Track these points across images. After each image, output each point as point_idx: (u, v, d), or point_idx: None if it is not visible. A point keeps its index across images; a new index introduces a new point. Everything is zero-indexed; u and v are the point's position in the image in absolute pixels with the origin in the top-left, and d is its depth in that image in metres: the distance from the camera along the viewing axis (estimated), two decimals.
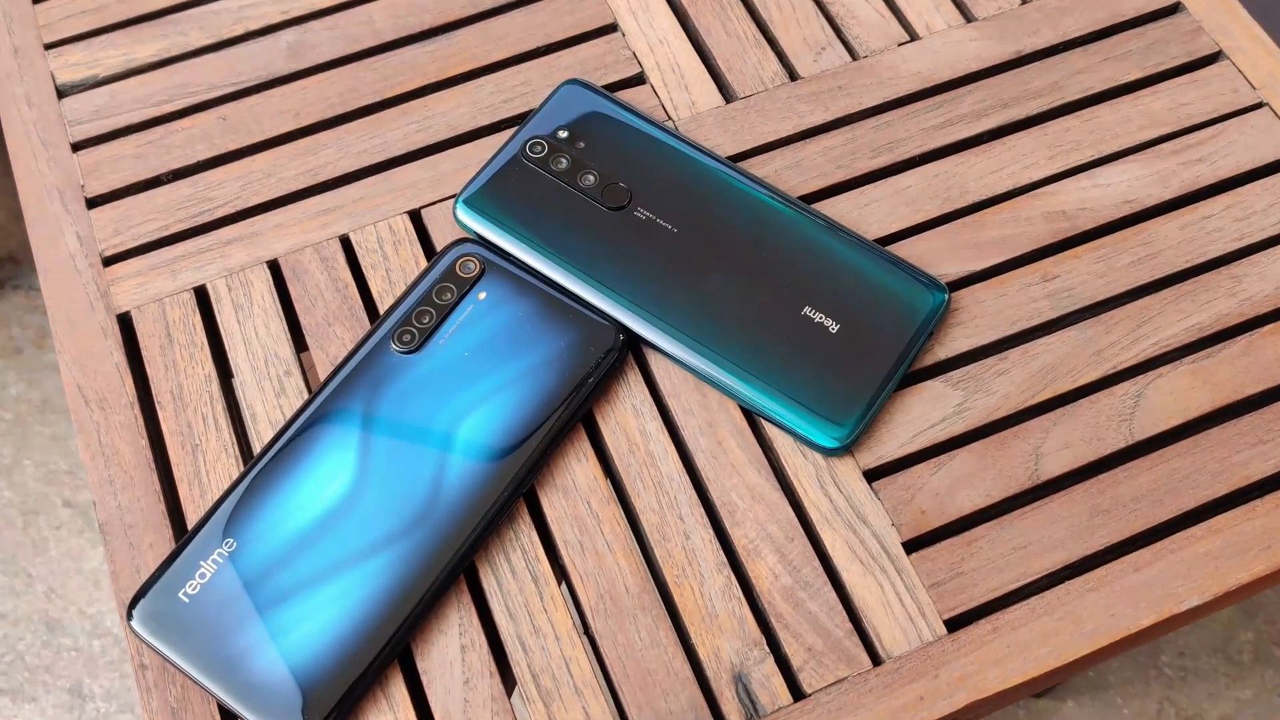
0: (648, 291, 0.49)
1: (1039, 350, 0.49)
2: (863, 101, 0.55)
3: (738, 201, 0.51)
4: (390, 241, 0.52)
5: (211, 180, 0.53)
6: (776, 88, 0.55)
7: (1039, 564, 0.45)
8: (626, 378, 0.48)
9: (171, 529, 0.46)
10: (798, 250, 0.50)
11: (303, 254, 0.51)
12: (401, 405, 0.47)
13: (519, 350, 0.48)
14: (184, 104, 0.55)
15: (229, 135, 0.54)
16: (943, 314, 0.49)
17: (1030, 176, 0.53)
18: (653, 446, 0.47)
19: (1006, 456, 0.47)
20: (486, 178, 0.52)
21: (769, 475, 0.46)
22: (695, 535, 0.45)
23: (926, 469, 0.47)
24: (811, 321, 0.48)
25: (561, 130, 0.53)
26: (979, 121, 0.54)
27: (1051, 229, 0.52)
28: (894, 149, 0.54)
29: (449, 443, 0.46)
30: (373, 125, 0.55)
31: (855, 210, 0.52)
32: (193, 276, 0.51)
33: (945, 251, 0.51)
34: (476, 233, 0.51)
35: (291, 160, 0.54)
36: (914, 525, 0.45)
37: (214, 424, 0.48)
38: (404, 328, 0.48)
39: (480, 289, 0.49)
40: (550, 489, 0.46)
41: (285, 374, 0.49)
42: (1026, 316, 0.50)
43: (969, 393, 0.48)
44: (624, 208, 0.51)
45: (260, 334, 0.49)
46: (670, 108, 0.55)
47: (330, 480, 0.45)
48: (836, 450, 0.46)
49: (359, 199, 0.53)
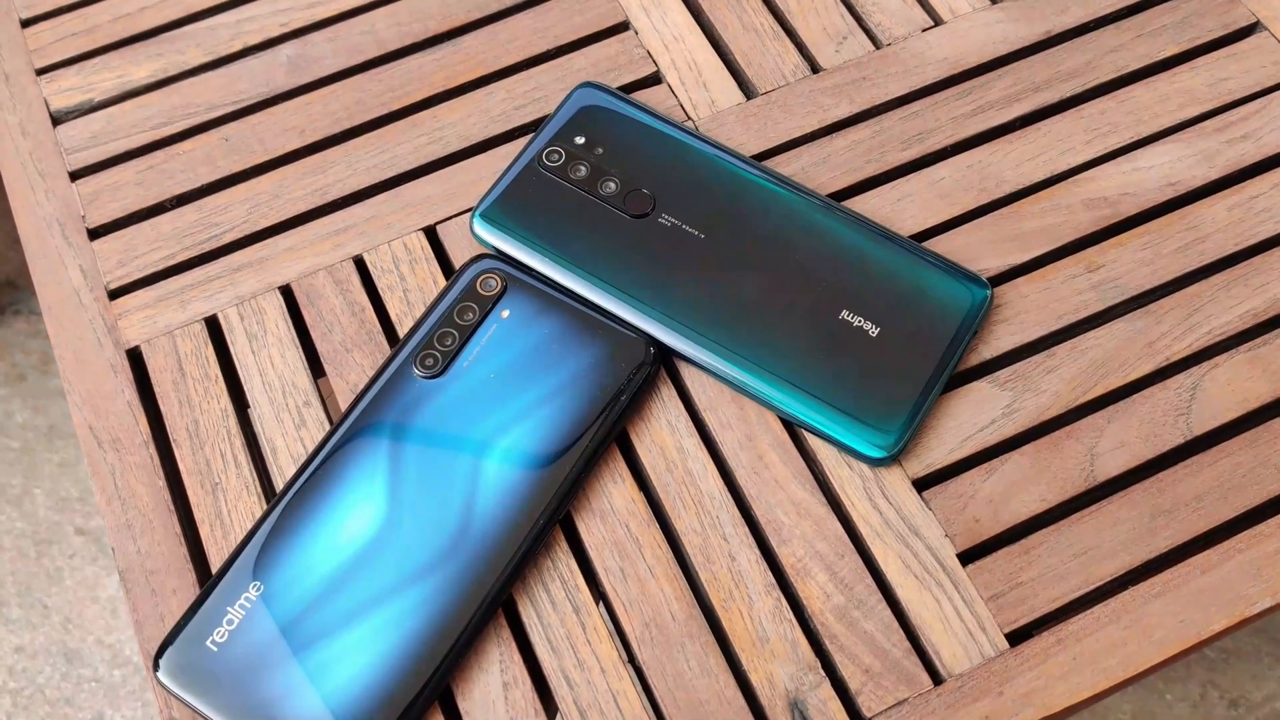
0: (677, 301, 0.47)
1: (1088, 345, 0.47)
2: (889, 91, 0.53)
3: (765, 202, 0.49)
4: (406, 261, 0.50)
5: (217, 204, 0.51)
6: (798, 81, 0.53)
7: (1101, 570, 0.43)
8: (660, 393, 0.46)
9: (195, 573, 0.44)
10: (831, 251, 0.48)
11: (316, 277, 0.49)
12: (428, 433, 0.45)
13: (547, 369, 0.46)
14: (184, 125, 0.53)
15: (232, 156, 0.52)
16: (986, 311, 0.47)
17: (1068, 162, 0.51)
18: (691, 464, 0.45)
19: (1060, 458, 0.45)
20: (502, 189, 0.50)
21: (814, 489, 0.44)
22: (741, 556, 0.43)
23: (978, 475, 0.45)
24: (850, 325, 0.46)
25: (578, 136, 0.51)
26: (1011, 107, 0.52)
27: (1093, 216, 0.50)
28: (924, 140, 0.51)
29: (479, 470, 0.44)
30: (381, 139, 0.52)
31: (888, 206, 0.50)
32: (203, 306, 0.49)
33: (984, 245, 0.49)
34: (495, 247, 0.49)
35: (299, 180, 0.52)
36: (968, 535, 0.43)
37: (233, 461, 0.46)
38: (426, 351, 0.46)
39: (503, 307, 0.47)
40: (587, 514, 0.44)
41: (304, 405, 0.47)
42: (1073, 310, 0.48)
43: (1017, 393, 0.46)
44: (648, 215, 0.49)
45: (276, 364, 0.47)
46: (689, 107, 0.53)
47: (358, 515, 0.43)
48: (884, 460, 0.44)
49: (371, 217, 0.51)
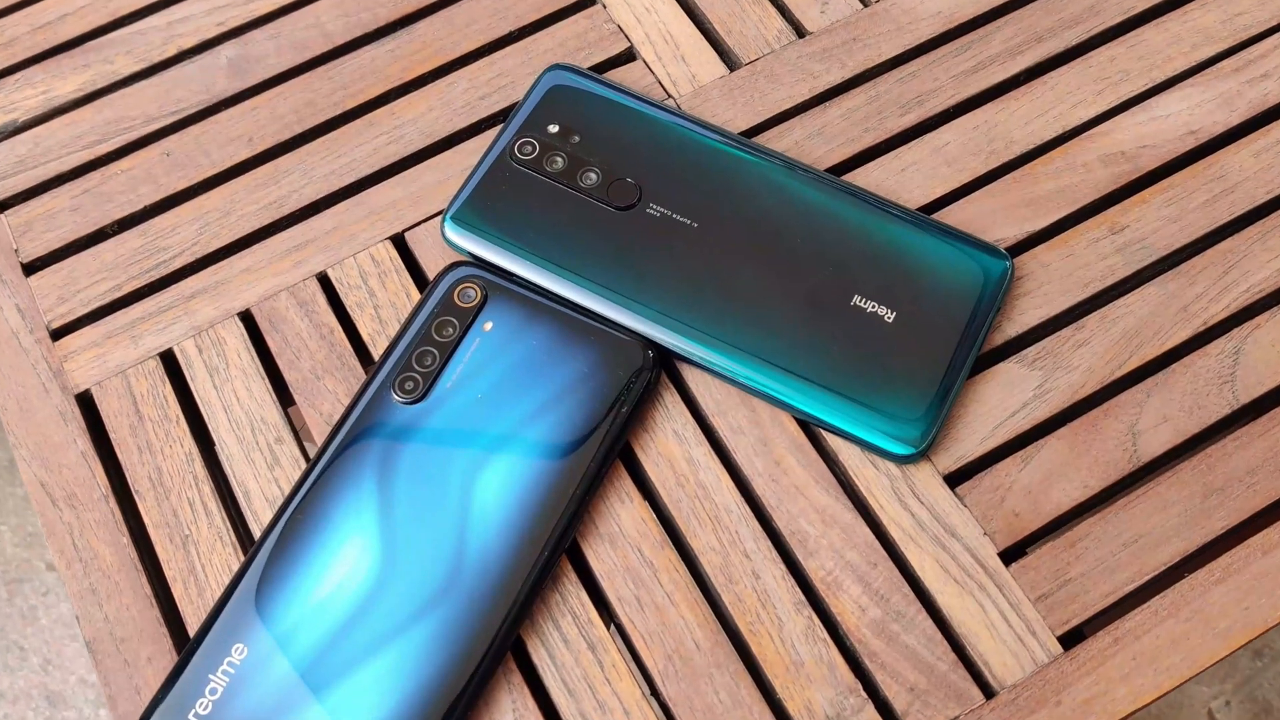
0: (673, 298, 0.43)
1: (1118, 313, 0.43)
2: (882, 52, 0.49)
3: (760, 183, 0.45)
4: (375, 274, 0.45)
5: (163, 226, 0.47)
6: (784, 48, 0.49)
7: (1155, 559, 0.40)
8: (663, 400, 0.43)
9: (171, 638, 0.40)
10: (835, 232, 0.44)
11: (277, 300, 0.45)
12: (414, 464, 0.41)
13: (538, 384, 0.42)
14: (120, 142, 0.49)
15: (176, 172, 0.48)
16: (1007, 285, 0.43)
17: (1080, 116, 0.47)
18: (703, 476, 0.41)
19: (1100, 439, 0.41)
20: (473, 188, 0.46)
21: (839, 494, 0.41)
22: (765, 573, 0.40)
23: (1013, 464, 0.41)
24: (863, 312, 0.43)
25: (551, 124, 0.46)
26: (1014, 60, 0.48)
27: (1112, 173, 0.46)
28: (924, 102, 0.48)
29: (473, 501, 0.40)
30: (337, 142, 0.48)
31: (891, 178, 0.46)
32: (156, 340, 0.44)
33: (998, 213, 0.45)
34: (471, 253, 0.45)
35: (250, 193, 0.47)
36: (1008, 531, 0.40)
37: (203, 509, 0.42)
38: (404, 374, 0.42)
39: (485, 318, 0.43)
40: (594, 539, 0.41)
41: (276, 441, 0.43)
42: (1099, 276, 0.44)
43: (1048, 371, 0.43)
44: (634, 206, 0.45)
45: (242, 398, 0.43)
46: (669, 84, 0.49)
47: (344, 561, 0.39)
48: (912, 457, 0.41)
49: (332, 229, 0.46)
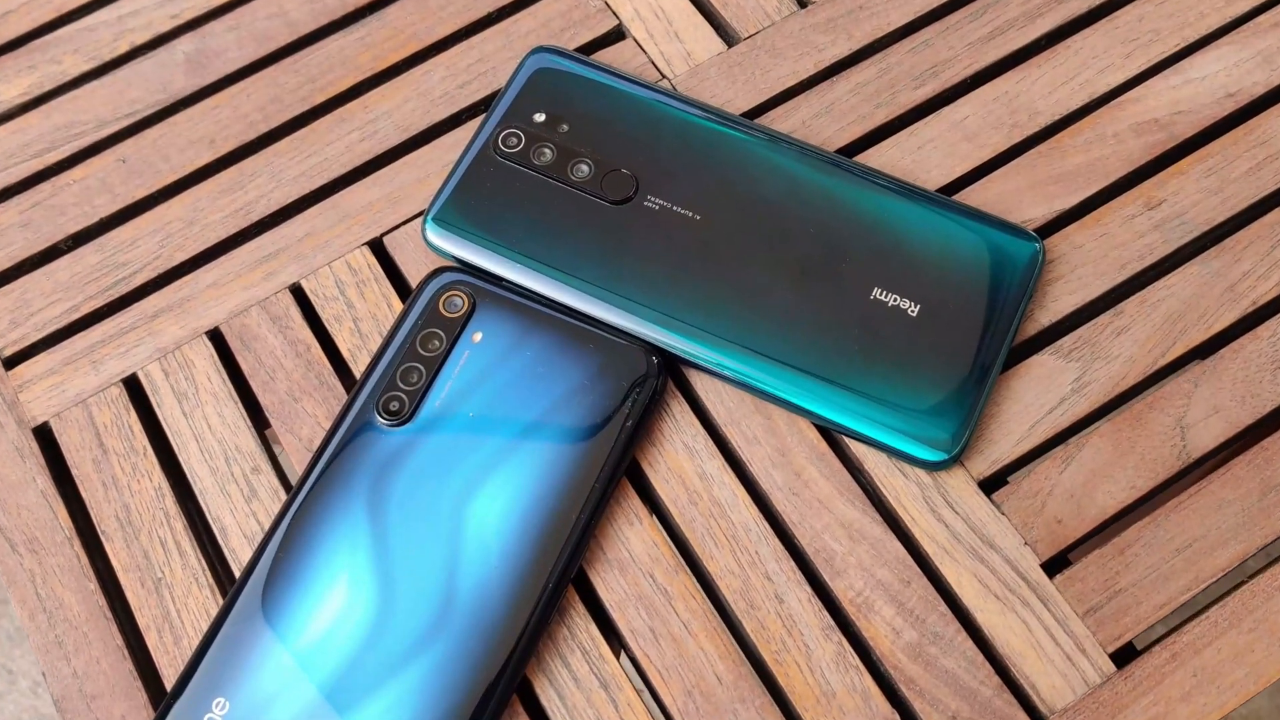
0: (677, 298, 0.40)
1: (1159, 296, 0.40)
2: (891, 20, 0.45)
3: (766, 169, 0.42)
4: (352, 283, 0.42)
5: (122, 240, 0.43)
6: (785, 19, 0.46)
7: (1211, 564, 0.36)
8: (670, 410, 0.39)
9: (145, 692, 0.37)
10: (850, 219, 0.41)
11: (248, 315, 0.42)
12: (403, 493, 0.37)
13: (534, 398, 0.39)
14: (71, 149, 0.45)
15: (134, 180, 0.44)
16: (1039, 270, 0.40)
17: (1108, 82, 0.44)
18: (717, 492, 0.38)
19: (1146, 435, 0.38)
20: (455, 186, 0.42)
21: (865, 506, 0.38)
22: (790, 596, 0.37)
23: (1053, 466, 0.38)
24: (884, 306, 0.39)
25: (537, 113, 0.43)
26: (1034, 24, 0.45)
27: (1145, 143, 0.43)
28: (939, 73, 0.44)
29: (469, 531, 0.37)
30: (306, 141, 0.45)
31: (907, 157, 0.43)
32: (119, 365, 0.41)
33: (1024, 191, 0.42)
34: (455, 256, 0.41)
35: (215, 200, 0.44)
36: (1051, 540, 0.37)
37: (176, 549, 0.38)
38: (389, 393, 0.39)
39: (474, 328, 0.40)
40: (602, 566, 0.37)
41: (253, 471, 0.39)
42: (1136, 256, 0.41)
43: (1086, 362, 0.39)
44: (630, 199, 0.41)
45: (214, 426, 0.40)
46: (662, 64, 0.45)
47: (332, 602, 0.36)
48: (944, 463, 0.38)
49: (305, 235, 0.43)
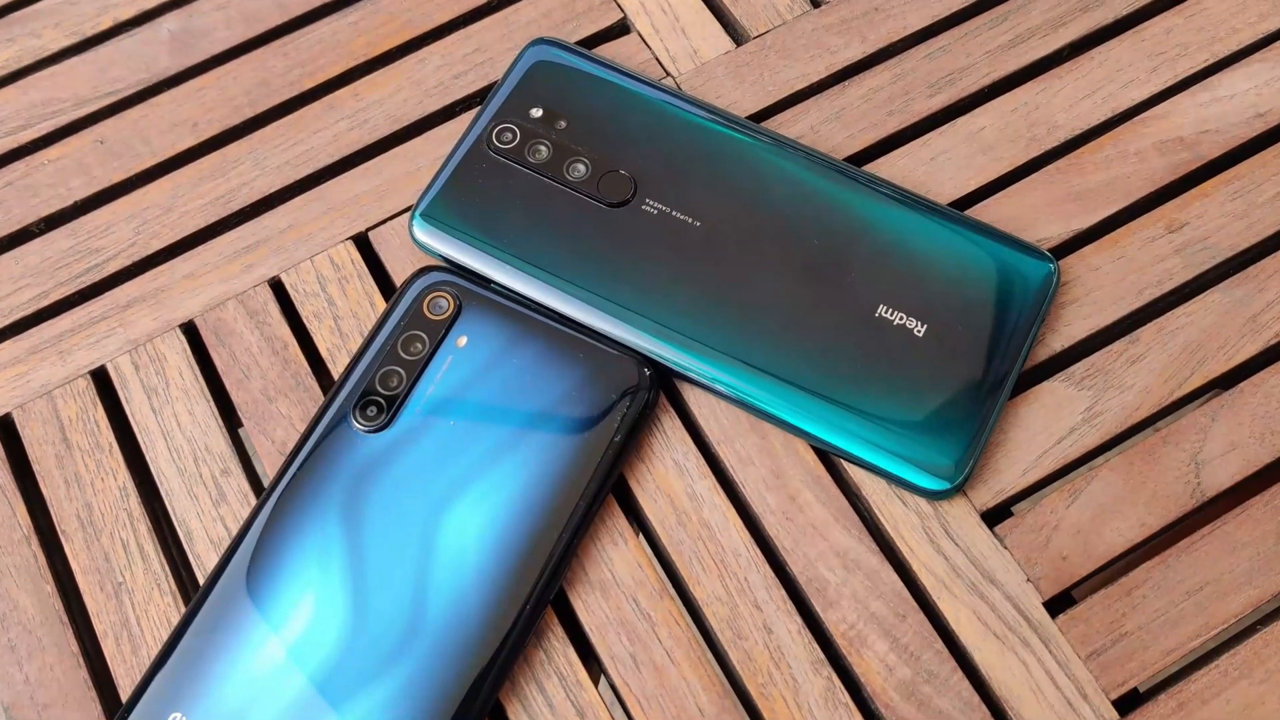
0: (673, 308, 0.38)
1: (1177, 323, 0.38)
2: (908, 24, 0.43)
3: (771, 175, 0.40)
4: (334, 280, 0.40)
5: (96, 224, 0.41)
6: (797, 18, 0.44)
7: (1223, 609, 0.35)
8: (661, 425, 0.38)
9: (100, 703, 0.35)
10: (857, 232, 0.39)
11: (224, 309, 0.40)
12: (377, 502, 0.36)
13: (519, 408, 0.37)
14: (47, 128, 0.43)
15: (111, 162, 0.42)
16: (1052, 292, 0.38)
17: (1132, 97, 0.42)
18: (707, 513, 0.36)
19: (1158, 470, 0.36)
20: (445, 181, 0.40)
21: (862, 534, 0.36)
22: (779, 626, 0.35)
23: (1060, 499, 0.36)
24: (890, 324, 0.38)
25: (534, 107, 0.41)
26: (1056, 33, 0.43)
27: (1169, 163, 0.41)
28: (956, 81, 0.42)
29: (445, 545, 0.35)
30: (293, 128, 0.43)
31: (920, 168, 0.41)
32: (88, 356, 0.39)
33: (1040, 208, 0.40)
34: (443, 255, 0.39)
35: (195, 186, 0.42)
36: (1055, 577, 0.35)
37: (138, 552, 0.37)
38: (367, 397, 0.37)
39: (459, 332, 0.38)
40: (583, 587, 0.36)
41: (222, 474, 0.37)
42: (1155, 281, 0.39)
43: (1098, 391, 0.37)
44: (628, 202, 0.40)
45: (184, 424, 0.38)
46: (667, 61, 0.43)
47: (299, 616, 0.34)
48: (945, 492, 0.36)
49: (287, 228, 0.41)
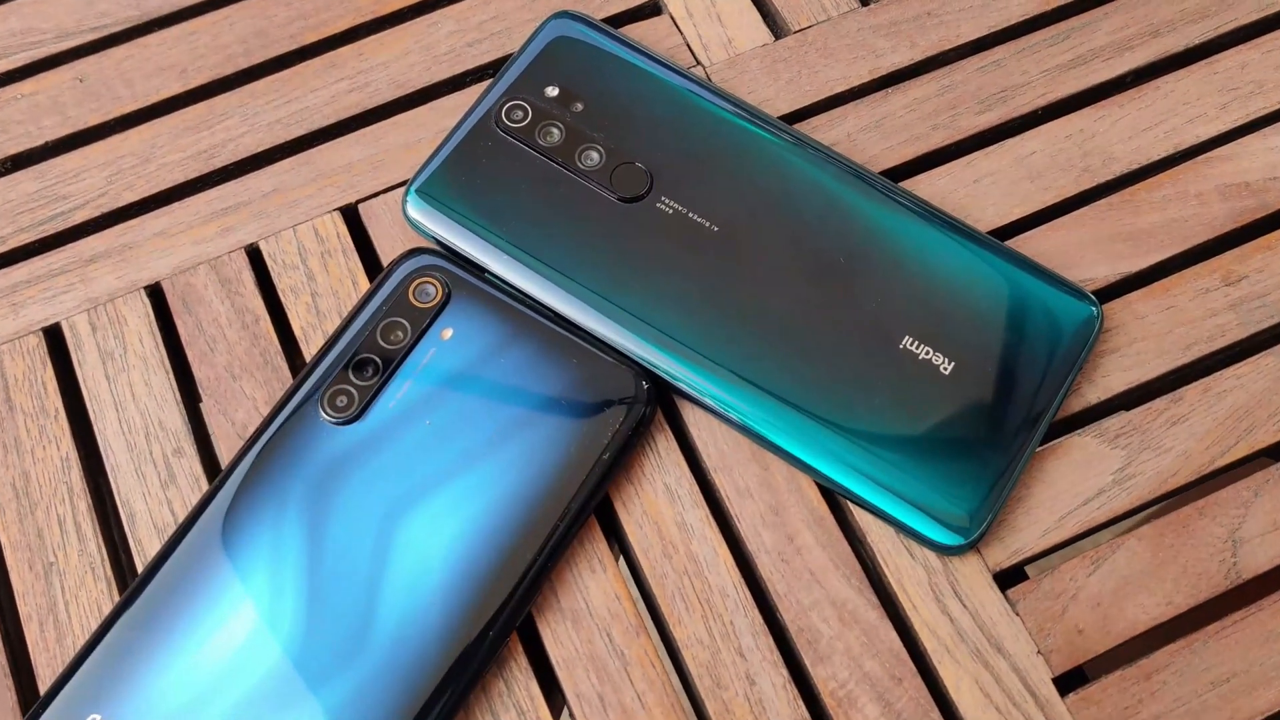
0: (680, 318, 0.35)
1: (1226, 385, 0.35)
2: (961, 32, 0.40)
3: (799, 183, 0.37)
4: (317, 253, 0.37)
5: (66, 169, 0.38)
6: (843, 15, 0.40)
7: (1250, 704, 0.32)
8: (655, 445, 0.35)
9: (17, 692, 0.32)
10: (887, 254, 0.36)
11: (195, 274, 0.37)
12: (337, 502, 0.33)
13: (501, 412, 0.34)
14: (24, 60, 0.40)
15: (89, 103, 0.39)
16: (1093, 338, 0.35)
17: (1198, 134, 0.39)
18: (696, 546, 0.33)
19: (1191, 545, 0.33)
20: (447, 157, 0.37)
21: (863, 585, 0.33)
22: (763, 678, 0.32)
23: (1081, 566, 0.33)
24: (914, 358, 0.34)
25: (550, 86, 0.38)
26: (1121, 57, 0.40)
27: (1231, 209, 0.37)
28: (1008, 99, 0.39)
29: (406, 556, 0.32)
30: (288, 84, 0.40)
31: (961, 190, 0.38)
32: (42, 311, 0.36)
33: (1087, 246, 0.37)
34: (436, 236, 0.36)
35: (177, 138, 0.39)
36: (1068, 651, 0.32)
37: (75, 531, 0.34)
38: (337, 386, 0.34)
39: (444, 323, 0.35)
40: (554, 615, 0.33)
41: (174, 453, 0.34)
42: (1206, 336, 0.36)
43: (1133, 452, 0.34)
44: (642, 198, 0.36)
45: (139, 395, 0.35)
46: (698, 48, 0.40)
47: (239, 619, 0.31)
48: (958, 547, 0.33)
49: (271, 191, 0.38)
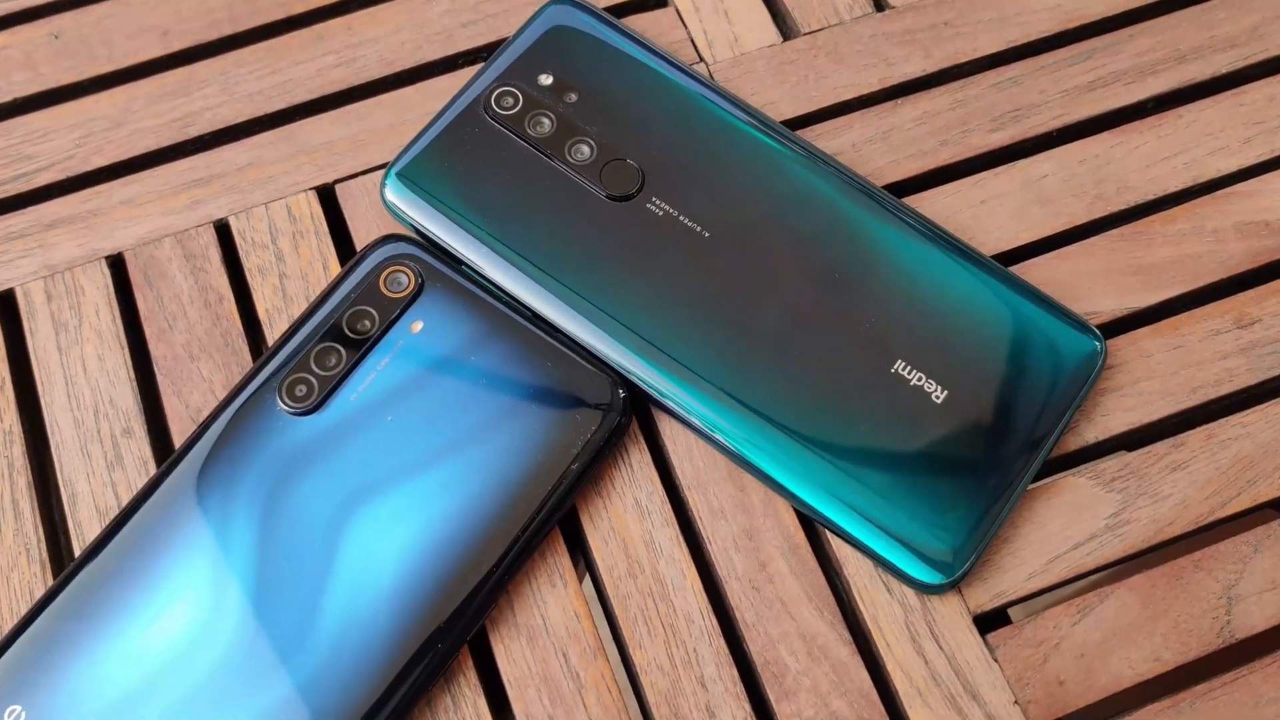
0: (662, 326, 0.33)
1: (1231, 433, 0.33)
2: (978, 46, 0.38)
3: (797, 192, 0.35)
4: (289, 232, 0.35)
5: (33, 128, 0.37)
6: (856, 20, 0.39)
7: None
8: (628, 457, 0.33)
9: None
10: (885, 272, 0.34)
11: (159, 247, 0.35)
12: (290, 497, 0.31)
13: (468, 413, 0.32)
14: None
15: (63, 61, 0.38)
16: (1095, 374, 0.33)
17: (1218, 167, 0.37)
18: (664, 568, 0.32)
19: (1184, 599, 0.32)
20: (431, 141, 0.35)
21: (835, 619, 0.31)
22: (723, 711, 0.30)
23: (1066, 614, 0.31)
24: (906, 383, 0.33)
25: (544, 74, 0.36)
26: (1144, 81, 0.38)
27: (1249, 248, 0.36)
28: (1022, 119, 0.37)
29: (356, 558, 0.30)
30: (273, 54, 0.38)
31: (966, 210, 0.36)
32: None
33: (1096, 277, 0.35)
34: (414, 223, 0.35)
35: (152, 103, 0.37)
36: (1048, 703, 0.31)
37: (12, 508, 0.32)
38: (297, 374, 0.32)
39: (415, 315, 0.33)
40: (508, 631, 0.31)
41: (123, 434, 0.33)
42: (1213, 380, 0.34)
43: (1129, 496, 0.33)
44: (632, 197, 0.35)
45: (90, 369, 0.33)
46: (703, 44, 0.38)
47: (176, 614, 0.30)
48: (938, 586, 0.31)
49: (246, 165, 0.36)
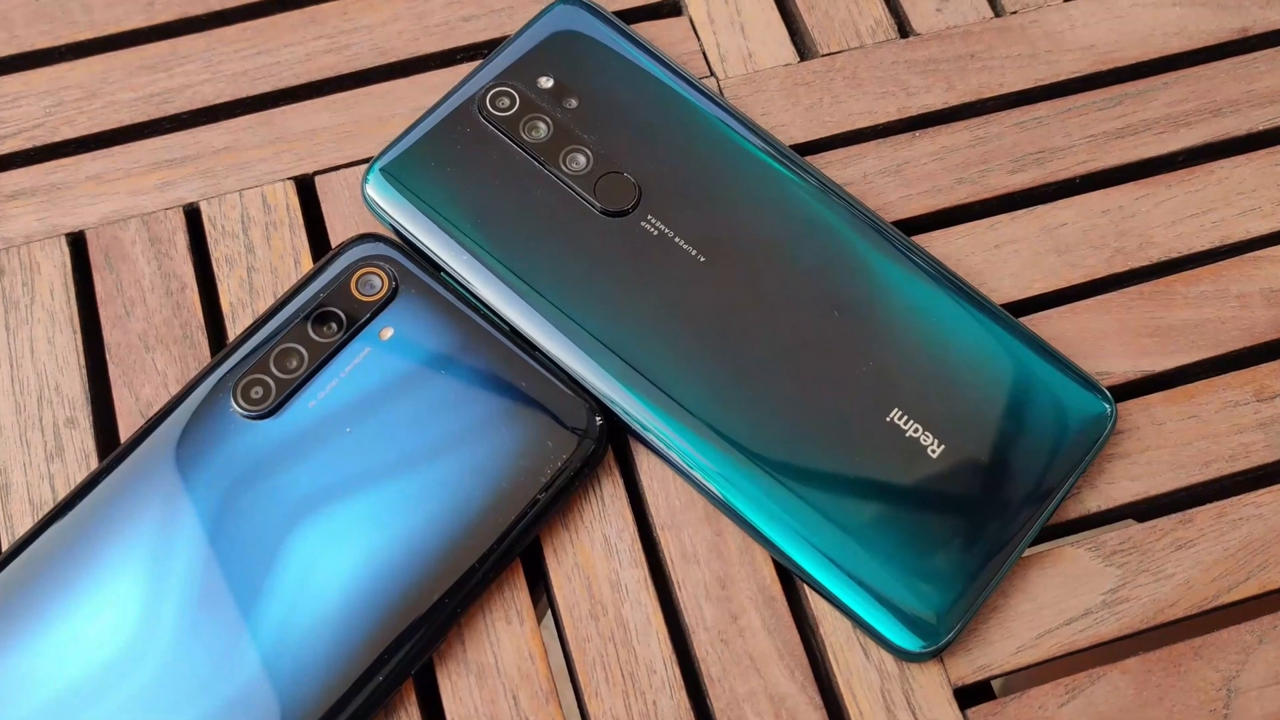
0: (648, 352, 0.31)
1: (1243, 513, 0.31)
2: (1004, 81, 0.36)
3: (802, 222, 0.33)
4: (262, 222, 0.33)
5: (3, 93, 0.35)
6: (877, 45, 0.37)
7: None
8: (600, 490, 0.31)
9: None
10: (888, 314, 0.32)
11: (124, 228, 0.33)
12: (237, 503, 0.29)
13: (434, 430, 0.30)
14: None
15: (39, 24, 0.36)
16: (1103, 438, 0.31)
17: (1248, 229, 0.35)
18: (628, 611, 0.30)
19: (1182, 687, 0.30)
20: (419, 137, 0.33)
21: (806, 680, 0.29)
22: None
23: (1053, 694, 0.29)
24: (901, 434, 0.31)
25: (544, 76, 0.34)
26: (1176, 133, 0.36)
27: (1275, 317, 0.34)
28: (1045, 162, 0.35)
29: (299, 578, 0.28)
30: (261, 34, 0.36)
31: (979, 253, 0.34)
32: None
33: (1110, 336, 0.33)
34: (393, 222, 0.33)
35: (130, 76, 0.35)
36: None
37: None
38: (254, 375, 0.30)
39: (386, 321, 0.31)
40: (456, 667, 0.29)
41: (67, 423, 0.31)
42: (1227, 455, 0.32)
43: (1130, 572, 0.31)
44: (626, 213, 0.33)
45: (38, 351, 0.32)
46: (715, 58, 0.36)
47: (105, 619, 0.28)
48: (919, 654, 0.29)
49: (223, 149, 0.34)
